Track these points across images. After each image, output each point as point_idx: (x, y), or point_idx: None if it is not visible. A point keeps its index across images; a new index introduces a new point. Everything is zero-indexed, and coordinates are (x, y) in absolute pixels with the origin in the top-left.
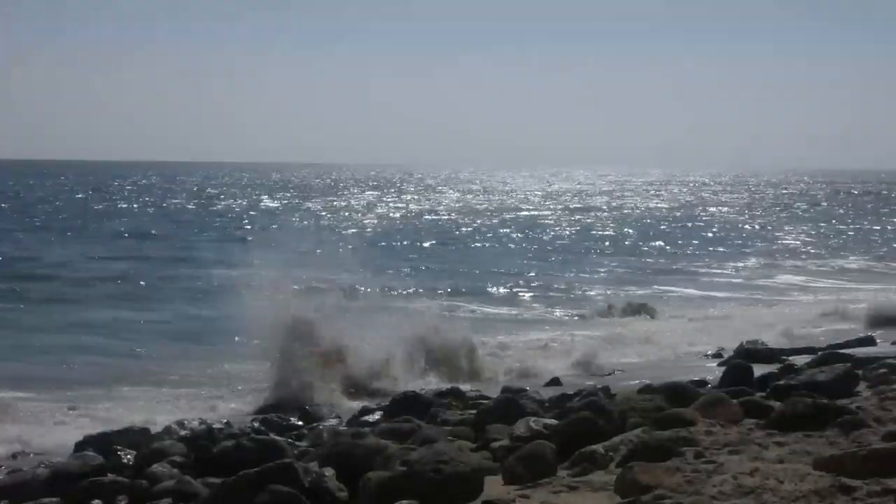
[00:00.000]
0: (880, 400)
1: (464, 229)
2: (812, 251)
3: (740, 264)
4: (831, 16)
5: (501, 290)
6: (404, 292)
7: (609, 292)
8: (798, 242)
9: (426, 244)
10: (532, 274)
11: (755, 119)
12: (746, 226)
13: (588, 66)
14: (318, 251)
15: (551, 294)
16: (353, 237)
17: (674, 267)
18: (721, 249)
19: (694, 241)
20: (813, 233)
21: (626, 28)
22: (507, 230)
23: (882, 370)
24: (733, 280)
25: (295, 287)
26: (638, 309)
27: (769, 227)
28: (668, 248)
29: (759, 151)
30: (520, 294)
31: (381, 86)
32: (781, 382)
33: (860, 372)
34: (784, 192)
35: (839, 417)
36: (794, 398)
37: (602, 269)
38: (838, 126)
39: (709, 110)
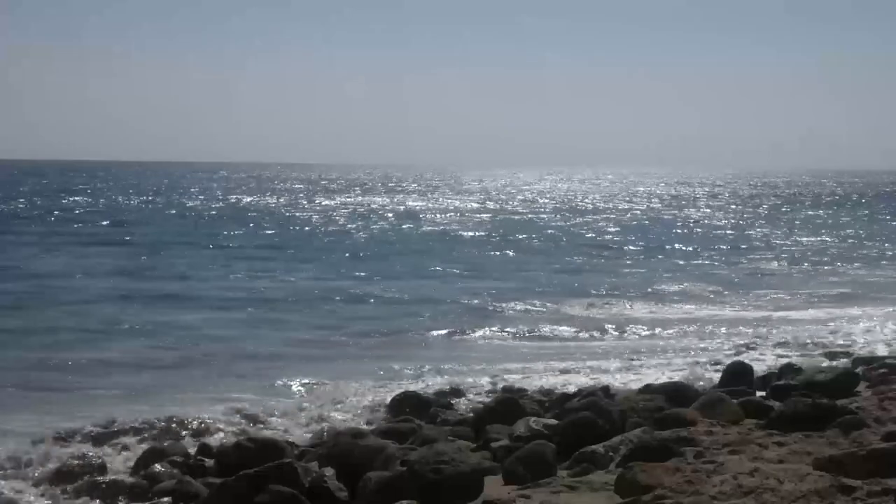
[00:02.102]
0: (880, 400)
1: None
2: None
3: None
4: (836, 16)
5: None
6: None
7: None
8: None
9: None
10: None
11: (758, 120)
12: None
13: (586, 66)
14: None
15: None
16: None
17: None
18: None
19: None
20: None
21: (626, 28)
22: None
23: (882, 370)
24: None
25: None
26: None
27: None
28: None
29: (760, 152)
30: None
31: (380, 85)
32: (781, 382)
33: (860, 371)
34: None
35: (839, 417)
36: (794, 398)
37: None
38: (841, 126)
39: (710, 111)
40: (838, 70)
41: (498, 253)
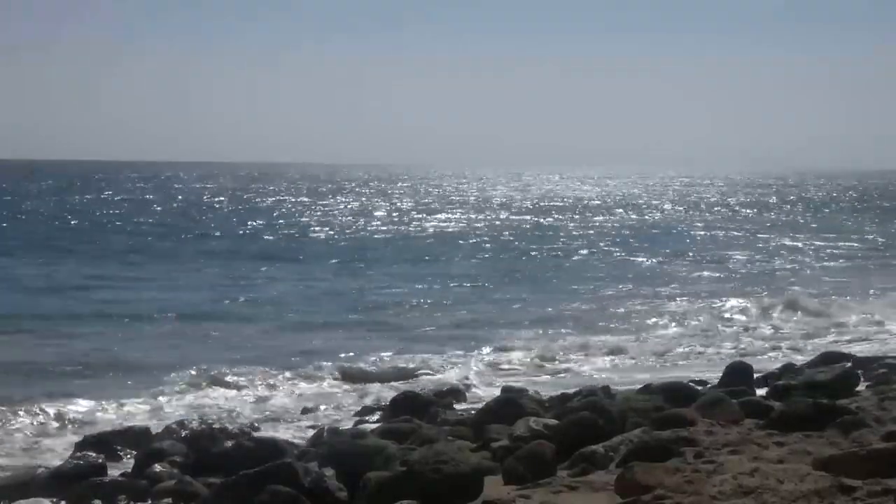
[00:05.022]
0: (880, 400)
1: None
2: None
3: None
4: (840, 16)
5: None
6: None
7: None
8: None
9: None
10: None
11: (760, 120)
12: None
13: (581, 68)
14: None
15: None
16: None
17: None
18: None
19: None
20: None
21: (629, 29)
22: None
23: (882, 370)
24: None
25: None
26: None
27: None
28: None
29: (763, 153)
30: None
31: (378, 85)
32: (781, 382)
33: (860, 372)
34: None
35: (839, 417)
36: (794, 398)
37: None
38: (841, 128)
39: (711, 112)
40: (840, 70)
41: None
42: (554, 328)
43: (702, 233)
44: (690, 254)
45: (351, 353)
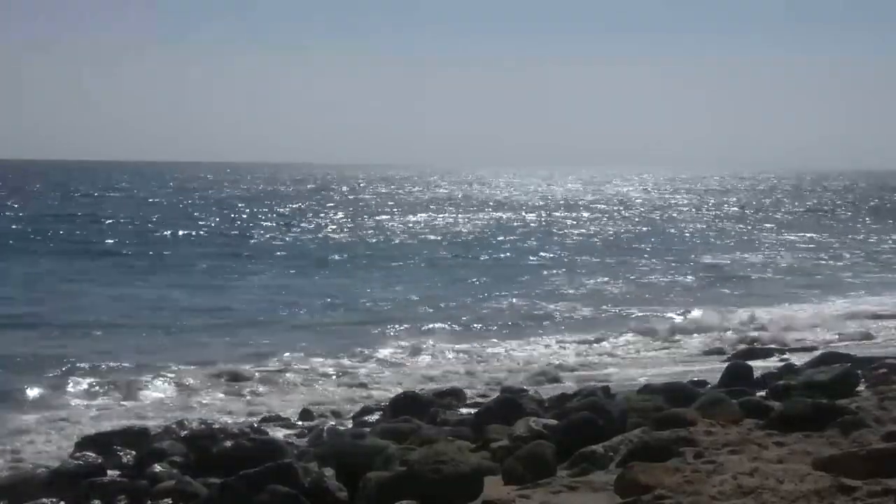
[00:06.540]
0: (880, 400)
1: None
2: None
3: None
4: (846, 16)
5: None
6: None
7: None
8: None
9: None
10: None
11: (760, 120)
12: None
13: (581, 68)
14: None
15: None
16: None
17: None
18: None
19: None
20: None
21: (629, 29)
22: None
23: (882, 370)
24: None
25: None
26: None
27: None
28: None
29: (763, 153)
30: None
31: (378, 85)
32: (781, 382)
33: (860, 372)
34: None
35: (839, 417)
36: (794, 398)
37: None
38: (844, 126)
39: (711, 112)
40: (840, 70)
41: None
42: (552, 329)
43: (702, 233)
44: (690, 254)
45: (350, 354)
